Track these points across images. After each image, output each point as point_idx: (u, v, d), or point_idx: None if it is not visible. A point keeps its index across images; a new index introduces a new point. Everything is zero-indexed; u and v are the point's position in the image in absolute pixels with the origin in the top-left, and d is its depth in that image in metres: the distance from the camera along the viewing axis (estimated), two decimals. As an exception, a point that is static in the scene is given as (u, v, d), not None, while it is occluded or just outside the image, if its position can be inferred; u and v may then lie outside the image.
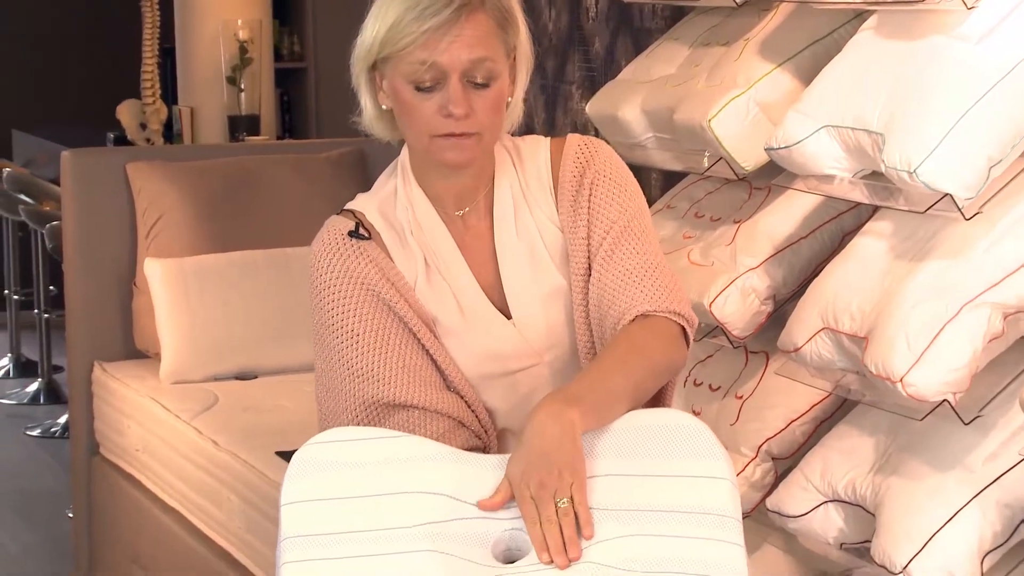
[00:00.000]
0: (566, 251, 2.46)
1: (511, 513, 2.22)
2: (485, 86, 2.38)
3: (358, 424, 2.40)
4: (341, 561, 2.17)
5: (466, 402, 2.42)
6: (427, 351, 2.41)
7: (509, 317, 2.45)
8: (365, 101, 2.47)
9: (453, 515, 2.21)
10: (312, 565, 2.18)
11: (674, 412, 2.31)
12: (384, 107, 2.44)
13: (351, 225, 2.45)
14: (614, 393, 2.28)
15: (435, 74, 2.36)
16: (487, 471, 2.26)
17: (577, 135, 2.54)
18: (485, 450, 2.43)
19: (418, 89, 2.37)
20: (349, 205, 2.53)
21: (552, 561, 2.16)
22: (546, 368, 2.45)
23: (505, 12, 2.41)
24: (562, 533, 2.16)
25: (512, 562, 2.20)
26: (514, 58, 2.44)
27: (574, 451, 2.20)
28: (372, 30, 2.40)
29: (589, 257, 2.44)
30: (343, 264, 2.43)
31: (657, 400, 2.42)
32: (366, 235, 2.44)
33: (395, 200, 2.49)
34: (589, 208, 2.44)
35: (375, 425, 2.39)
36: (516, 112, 2.50)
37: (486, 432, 2.43)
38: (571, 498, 2.18)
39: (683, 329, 2.39)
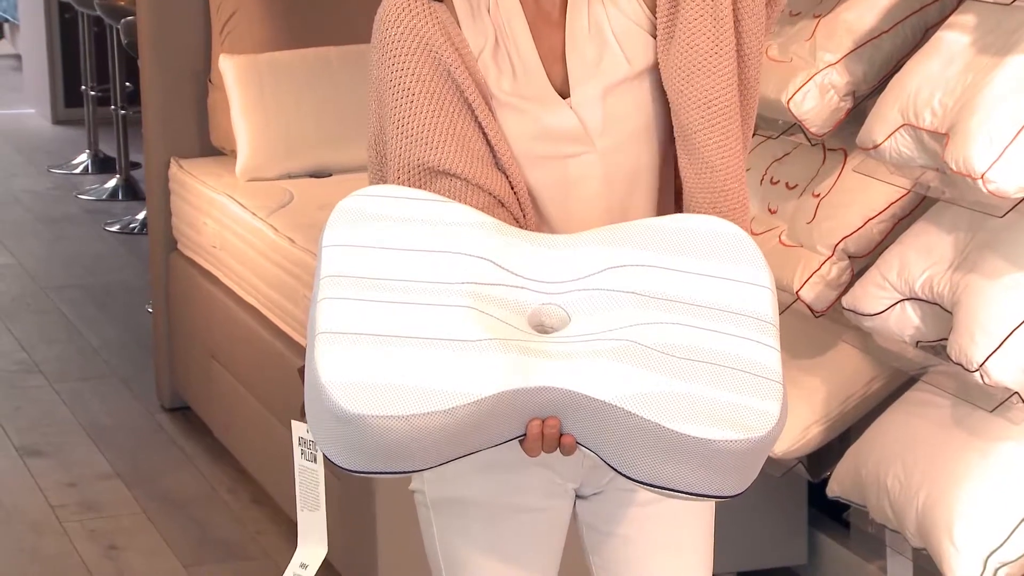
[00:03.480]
0: (644, 46, 2.42)
1: (550, 288, 2.23)
2: None
3: (400, 184, 2.40)
4: (379, 304, 2.16)
5: (510, 183, 2.40)
6: (480, 125, 2.40)
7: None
8: None
9: (495, 280, 2.22)
10: (349, 304, 2.16)
11: (719, 220, 2.30)
12: None
13: None
14: None
15: None
16: (531, 246, 2.26)
17: None
18: None
19: None
20: None
21: None
22: (597, 157, 2.42)
23: None
24: None
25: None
26: None
27: None
28: None
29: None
30: (410, 21, 2.40)
31: None
32: None
33: None
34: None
35: (417, 188, 2.38)
36: None
37: (524, 216, 2.41)
38: None
39: None
